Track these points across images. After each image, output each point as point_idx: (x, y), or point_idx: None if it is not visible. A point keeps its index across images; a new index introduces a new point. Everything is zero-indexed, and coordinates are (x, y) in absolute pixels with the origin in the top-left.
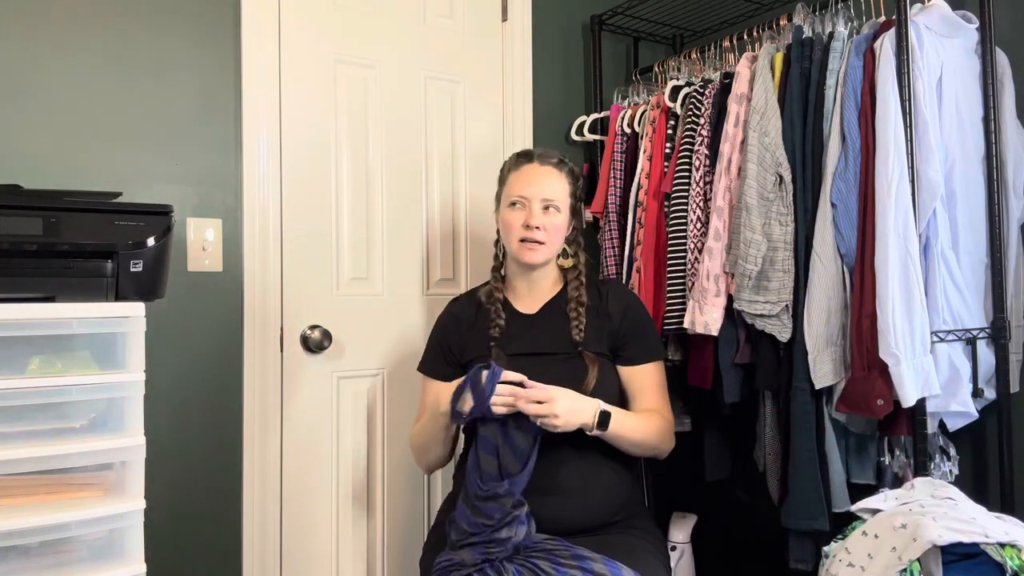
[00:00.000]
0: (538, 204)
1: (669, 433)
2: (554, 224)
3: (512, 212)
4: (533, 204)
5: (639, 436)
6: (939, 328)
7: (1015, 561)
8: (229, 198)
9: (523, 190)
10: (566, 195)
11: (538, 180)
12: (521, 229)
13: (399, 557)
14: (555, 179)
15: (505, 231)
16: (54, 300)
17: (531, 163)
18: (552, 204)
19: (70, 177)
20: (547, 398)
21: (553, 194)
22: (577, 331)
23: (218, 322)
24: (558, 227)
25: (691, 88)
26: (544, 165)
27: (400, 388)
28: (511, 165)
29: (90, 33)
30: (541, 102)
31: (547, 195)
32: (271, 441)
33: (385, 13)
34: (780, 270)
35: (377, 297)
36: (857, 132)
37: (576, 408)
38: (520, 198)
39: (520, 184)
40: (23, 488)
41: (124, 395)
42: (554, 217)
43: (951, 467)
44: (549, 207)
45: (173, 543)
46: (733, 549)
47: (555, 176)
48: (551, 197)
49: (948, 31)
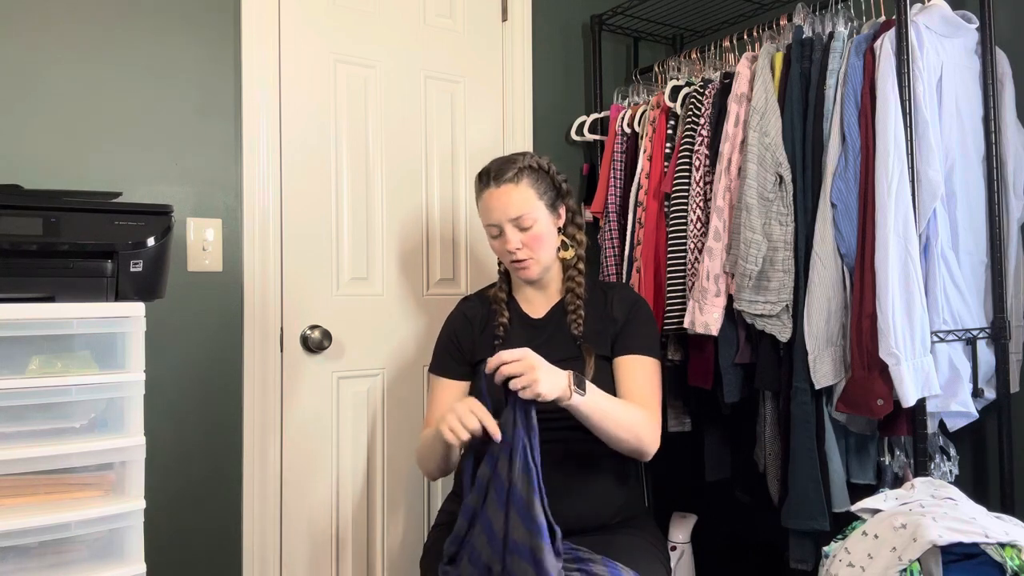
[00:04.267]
0: (509, 226)
1: (653, 428)
2: (533, 236)
3: (493, 240)
4: (506, 229)
5: (619, 419)
6: (939, 328)
7: (1015, 561)
8: (229, 198)
9: (491, 218)
10: (534, 201)
11: (500, 205)
12: (506, 254)
13: (399, 557)
14: (515, 195)
15: (498, 256)
16: (54, 300)
17: (488, 188)
18: (523, 221)
19: (70, 177)
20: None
21: (520, 210)
22: (576, 326)
23: (218, 322)
24: (538, 236)
25: (691, 88)
26: (500, 185)
27: (400, 388)
28: (476, 191)
29: (90, 33)
30: (541, 102)
31: (512, 214)
32: (271, 441)
33: (385, 13)
34: (780, 270)
35: (377, 297)
36: (857, 132)
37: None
38: (492, 226)
39: (487, 213)
40: (23, 488)
41: (124, 395)
42: (532, 231)
43: (951, 467)
44: (521, 225)
45: (173, 543)
46: (733, 549)
47: (514, 192)
48: (518, 214)
49: (948, 31)
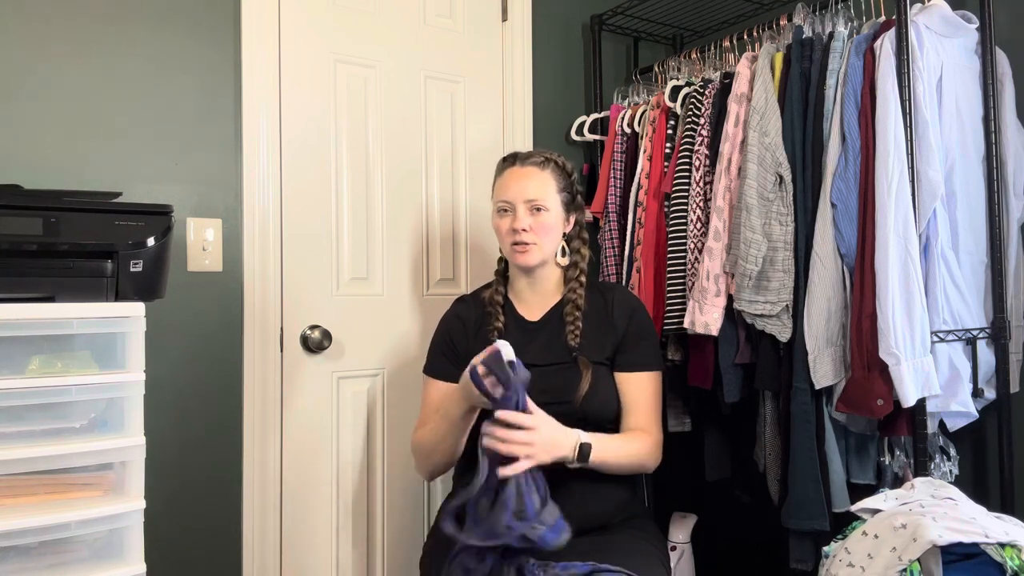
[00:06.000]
0: (523, 207)
1: (655, 453)
2: (542, 224)
3: (500, 218)
4: (518, 207)
5: (622, 461)
6: (939, 328)
7: (1015, 561)
8: (229, 198)
9: (506, 195)
10: (553, 192)
11: (520, 182)
12: (510, 234)
13: (399, 558)
14: (537, 179)
15: (498, 236)
16: (54, 300)
17: (513, 166)
18: (538, 204)
19: (70, 177)
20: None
21: (537, 194)
22: (573, 336)
23: (218, 322)
24: (547, 226)
25: (691, 88)
26: (525, 167)
27: (400, 388)
28: (497, 171)
29: (90, 33)
30: (541, 102)
31: (530, 196)
32: (271, 441)
33: (385, 13)
34: (780, 270)
35: (377, 297)
36: (857, 132)
37: (554, 439)
38: (505, 203)
39: (503, 189)
40: (23, 488)
41: (124, 395)
42: (542, 217)
43: (951, 467)
44: (535, 208)
45: (173, 543)
46: (733, 549)
47: (537, 176)
48: (535, 197)
49: (948, 31)
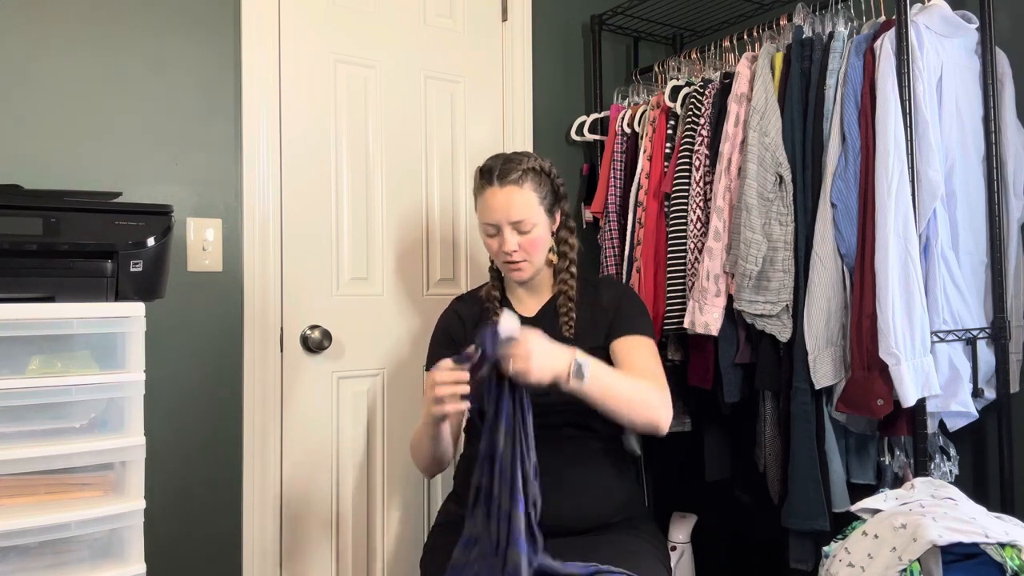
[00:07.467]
0: (508, 229)
1: (663, 396)
2: (530, 240)
3: (488, 237)
4: (504, 229)
5: (625, 392)
6: (939, 328)
7: (1015, 561)
8: (229, 198)
9: (490, 217)
10: (534, 206)
11: (501, 206)
12: (501, 254)
13: (399, 557)
14: (519, 197)
15: (489, 252)
16: (54, 300)
17: (492, 186)
18: (523, 225)
19: (70, 177)
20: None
21: (520, 214)
22: (567, 327)
23: (218, 322)
24: (535, 240)
25: (691, 88)
26: (504, 186)
27: (400, 388)
28: (476, 187)
29: (90, 33)
30: (541, 102)
31: (514, 217)
32: (271, 441)
33: (385, 13)
34: (780, 270)
35: (377, 297)
36: (857, 132)
37: (549, 349)
38: (489, 225)
39: (487, 211)
40: (23, 488)
41: (124, 395)
42: (530, 234)
43: (951, 467)
44: (521, 230)
45: (173, 543)
46: (733, 549)
47: (518, 194)
48: (519, 218)
49: (948, 31)
